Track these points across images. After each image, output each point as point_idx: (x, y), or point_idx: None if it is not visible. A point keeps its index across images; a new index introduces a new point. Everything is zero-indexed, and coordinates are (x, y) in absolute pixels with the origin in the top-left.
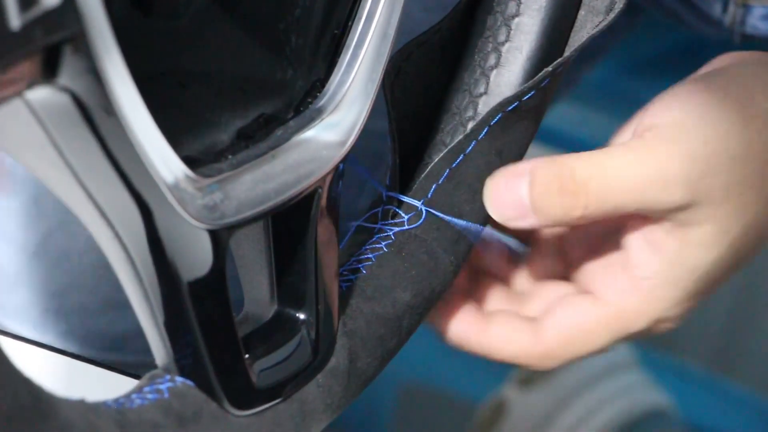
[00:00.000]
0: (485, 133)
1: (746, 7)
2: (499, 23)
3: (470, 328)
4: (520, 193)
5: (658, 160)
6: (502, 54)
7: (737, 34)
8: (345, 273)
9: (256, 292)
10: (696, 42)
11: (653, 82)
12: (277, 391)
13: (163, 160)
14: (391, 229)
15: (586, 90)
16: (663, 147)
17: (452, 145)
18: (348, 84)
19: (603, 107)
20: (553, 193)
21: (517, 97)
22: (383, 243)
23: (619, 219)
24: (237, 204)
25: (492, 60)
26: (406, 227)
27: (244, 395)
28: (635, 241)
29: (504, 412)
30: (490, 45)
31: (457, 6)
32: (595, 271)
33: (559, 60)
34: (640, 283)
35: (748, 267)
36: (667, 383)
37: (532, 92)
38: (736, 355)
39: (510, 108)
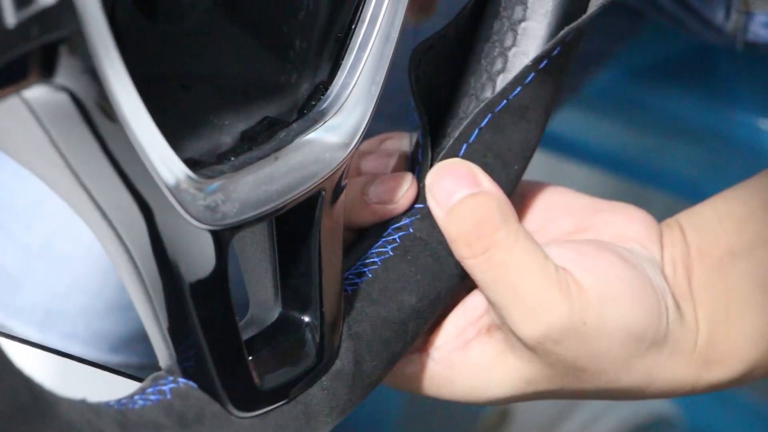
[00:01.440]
0: (476, 135)
1: (748, 14)
2: (505, 28)
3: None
4: (457, 191)
5: (545, 299)
6: (509, 59)
7: (739, 40)
8: (351, 277)
9: (260, 295)
10: (699, 48)
11: (656, 88)
12: (281, 393)
13: (163, 161)
14: (397, 233)
15: (588, 95)
16: (557, 297)
17: (445, 150)
18: (351, 87)
19: (606, 112)
20: (471, 217)
21: (502, 95)
22: (389, 247)
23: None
24: (239, 205)
25: (499, 65)
26: (411, 231)
27: (247, 397)
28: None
29: (509, 417)
30: (497, 50)
31: (463, 10)
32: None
33: (540, 53)
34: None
35: None
36: None
37: (518, 89)
38: None
39: (498, 108)
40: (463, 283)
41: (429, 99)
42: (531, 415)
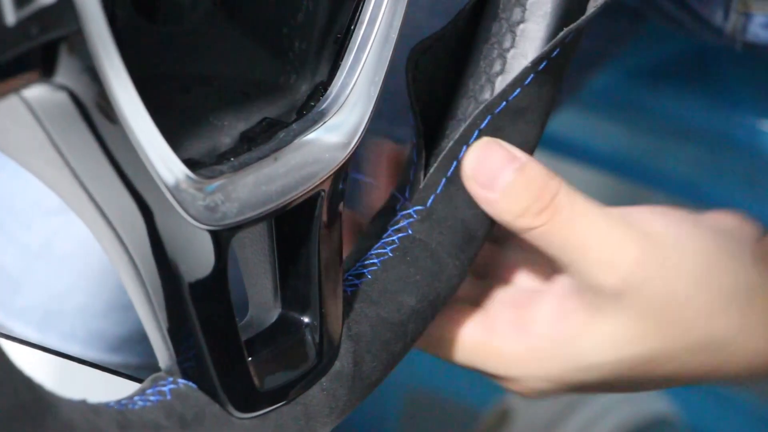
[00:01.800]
0: (476, 137)
1: (747, 15)
2: (504, 29)
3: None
4: (504, 174)
5: (617, 242)
6: (507, 60)
7: (738, 41)
8: (350, 278)
9: (259, 296)
10: (698, 49)
11: (655, 89)
12: (281, 394)
13: (162, 161)
14: (396, 235)
15: (588, 96)
16: (628, 238)
17: (444, 152)
18: (350, 87)
19: (606, 113)
20: (529, 191)
21: (501, 97)
22: (388, 248)
23: (555, 270)
24: (238, 205)
25: (497, 66)
26: (410, 232)
27: (247, 398)
28: (551, 298)
29: (509, 419)
30: (496, 51)
31: (461, 12)
32: (504, 301)
33: (539, 55)
34: (529, 333)
35: None
36: (672, 391)
37: (518, 91)
38: None
39: (498, 110)
40: (462, 284)
41: (427, 100)
42: (531, 416)
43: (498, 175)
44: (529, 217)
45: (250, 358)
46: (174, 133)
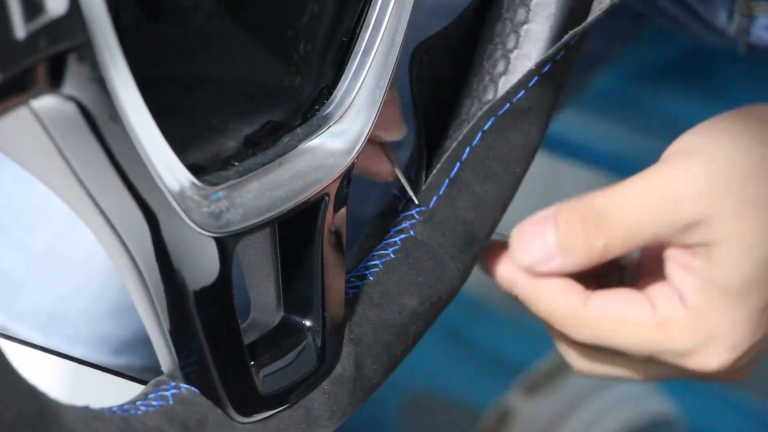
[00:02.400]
0: (479, 138)
1: (751, 17)
2: (508, 30)
3: (520, 274)
4: (546, 235)
5: (669, 179)
6: (511, 61)
7: (742, 43)
8: (352, 279)
9: (262, 299)
10: (700, 51)
11: (658, 90)
12: (283, 397)
13: (168, 169)
14: (398, 236)
15: (591, 97)
16: (676, 167)
17: (448, 153)
18: (355, 92)
19: (607, 114)
20: (576, 227)
21: (505, 99)
22: (390, 249)
23: (656, 253)
24: (243, 212)
25: (501, 67)
26: (412, 234)
27: (249, 402)
28: (671, 267)
29: (509, 419)
30: (499, 51)
31: (465, 11)
32: (647, 293)
33: (544, 57)
34: (685, 302)
35: None
36: (674, 391)
37: (522, 93)
38: None
39: (501, 111)
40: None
41: (429, 99)
42: (531, 417)
43: (543, 240)
44: (590, 234)
45: (252, 363)
46: (178, 137)
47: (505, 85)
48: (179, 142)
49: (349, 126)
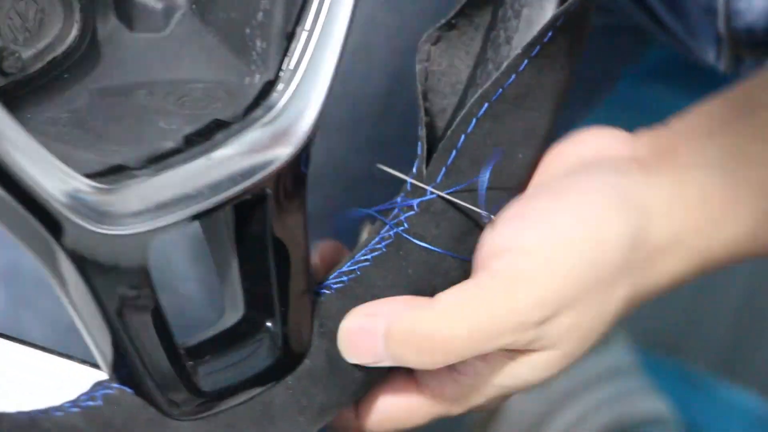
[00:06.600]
0: (474, 125)
1: (738, 59)
2: (509, 15)
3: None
4: (377, 346)
5: (509, 304)
6: (513, 47)
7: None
8: (341, 275)
9: (227, 299)
10: None
11: (658, 91)
12: (231, 394)
13: (54, 178)
14: (393, 230)
15: None
16: (514, 287)
17: (443, 141)
18: (295, 85)
19: (607, 114)
20: (408, 349)
21: (496, 84)
22: (383, 243)
23: None
24: (155, 207)
25: (504, 52)
26: (406, 226)
27: (188, 400)
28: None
29: (498, 416)
30: (502, 37)
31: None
32: None
33: (530, 40)
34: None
35: (754, 271)
36: (668, 388)
37: (513, 77)
38: (740, 360)
39: (495, 97)
40: (465, 276)
41: (435, 89)
42: (520, 413)
43: (374, 346)
44: (423, 357)
45: (193, 361)
46: (116, 141)
47: None
48: (114, 146)
49: (287, 121)
